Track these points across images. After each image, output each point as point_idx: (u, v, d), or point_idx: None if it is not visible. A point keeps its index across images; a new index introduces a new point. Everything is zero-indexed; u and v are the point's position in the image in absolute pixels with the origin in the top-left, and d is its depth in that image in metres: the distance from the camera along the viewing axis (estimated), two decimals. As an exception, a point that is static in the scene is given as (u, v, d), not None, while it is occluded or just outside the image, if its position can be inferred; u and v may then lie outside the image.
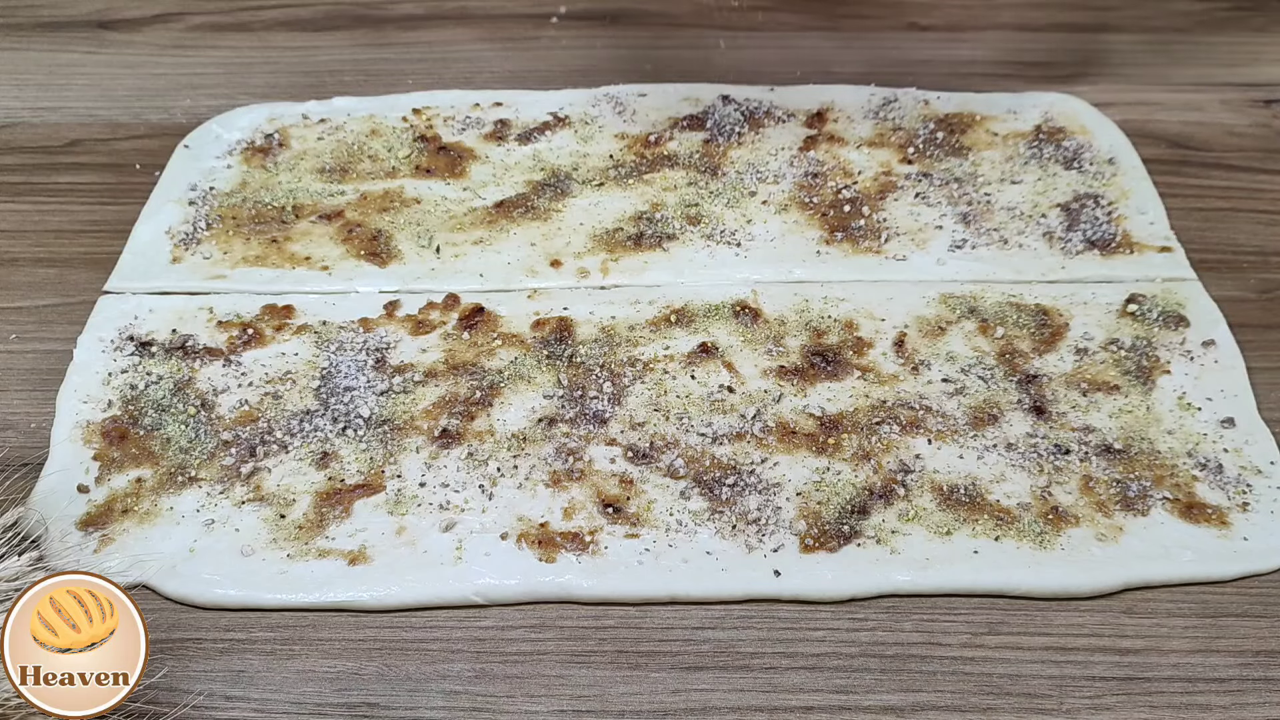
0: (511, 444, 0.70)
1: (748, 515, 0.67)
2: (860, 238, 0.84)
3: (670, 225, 0.85)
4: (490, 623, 0.63)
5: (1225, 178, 0.91)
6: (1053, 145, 0.91)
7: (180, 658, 0.61)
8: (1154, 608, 0.63)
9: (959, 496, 0.68)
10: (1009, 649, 0.62)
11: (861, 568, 0.64)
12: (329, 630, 0.63)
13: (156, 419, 0.72)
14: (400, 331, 0.78)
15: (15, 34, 1.07)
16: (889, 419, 0.72)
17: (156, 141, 0.94)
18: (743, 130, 0.93)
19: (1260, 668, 0.61)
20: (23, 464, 0.68)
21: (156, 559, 0.64)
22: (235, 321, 0.78)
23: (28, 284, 0.82)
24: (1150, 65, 1.02)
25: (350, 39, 1.07)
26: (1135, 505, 0.67)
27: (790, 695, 0.60)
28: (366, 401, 0.73)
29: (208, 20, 1.09)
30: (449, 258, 0.83)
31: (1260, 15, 1.08)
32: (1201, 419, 0.72)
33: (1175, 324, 0.78)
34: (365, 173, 0.90)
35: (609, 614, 0.63)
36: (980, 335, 0.77)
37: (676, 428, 0.71)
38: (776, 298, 0.80)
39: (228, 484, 0.69)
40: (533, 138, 0.93)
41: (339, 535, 0.66)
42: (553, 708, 0.59)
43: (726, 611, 0.63)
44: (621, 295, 0.80)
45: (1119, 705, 0.59)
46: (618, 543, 0.65)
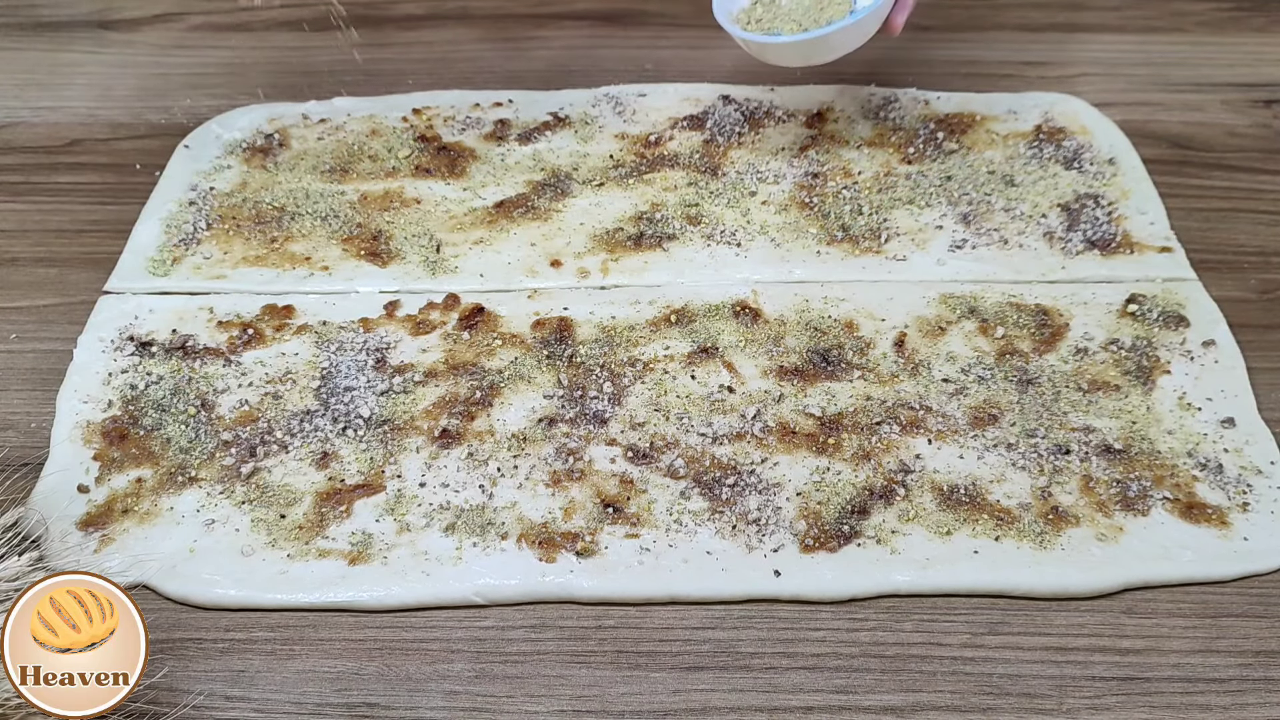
0: (511, 444, 0.70)
1: (748, 515, 0.67)
2: (860, 238, 0.84)
3: (670, 225, 0.85)
4: (490, 623, 0.63)
5: (1225, 178, 0.91)
6: (1053, 145, 0.91)
7: (180, 658, 0.61)
8: (1154, 608, 0.63)
9: (959, 496, 0.68)
10: (1009, 649, 0.62)
11: (861, 568, 0.64)
12: (329, 630, 0.63)
13: (156, 419, 0.72)
14: (400, 331, 0.78)
15: (15, 34, 1.07)
16: (889, 419, 0.72)
17: (156, 141, 0.94)
18: (743, 130, 0.93)
19: (1260, 668, 0.61)
20: (23, 464, 0.68)
21: (156, 559, 0.64)
22: (235, 321, 0.78)
23: (28, 284, 0.82)
24: (1150, 65, 1.02)
25: (350, 39, 1.07)
26: (1135, 505, 0.67)
27: (790, 695, 0.60)
28: (366, 401, 0.73)
29: (208, 20, 1.09)
30: (449, 257, 0.83)
31: (1260, 15, 1.08)
32: (1202, 419, 0.72)
33: (1175, 324, 0.78)
34: (365, 173, 0.90)
35: (609, 614, 0.63)
36: (980, 335, 0.77)
37: (676, 428, 0.71)
38: (776, 298, 0.80)
39: (228, 484, 0.69)
40: (533, 138, 0.93)
41: (339, 535, 0.66)
42: (553, 708, 0.59)
43: (726, 611, 0.63)
44: (621, 295, 0.80)
45: (1119, 705, 0.59)
46: (618, 543, 0.65)
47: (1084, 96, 0.96)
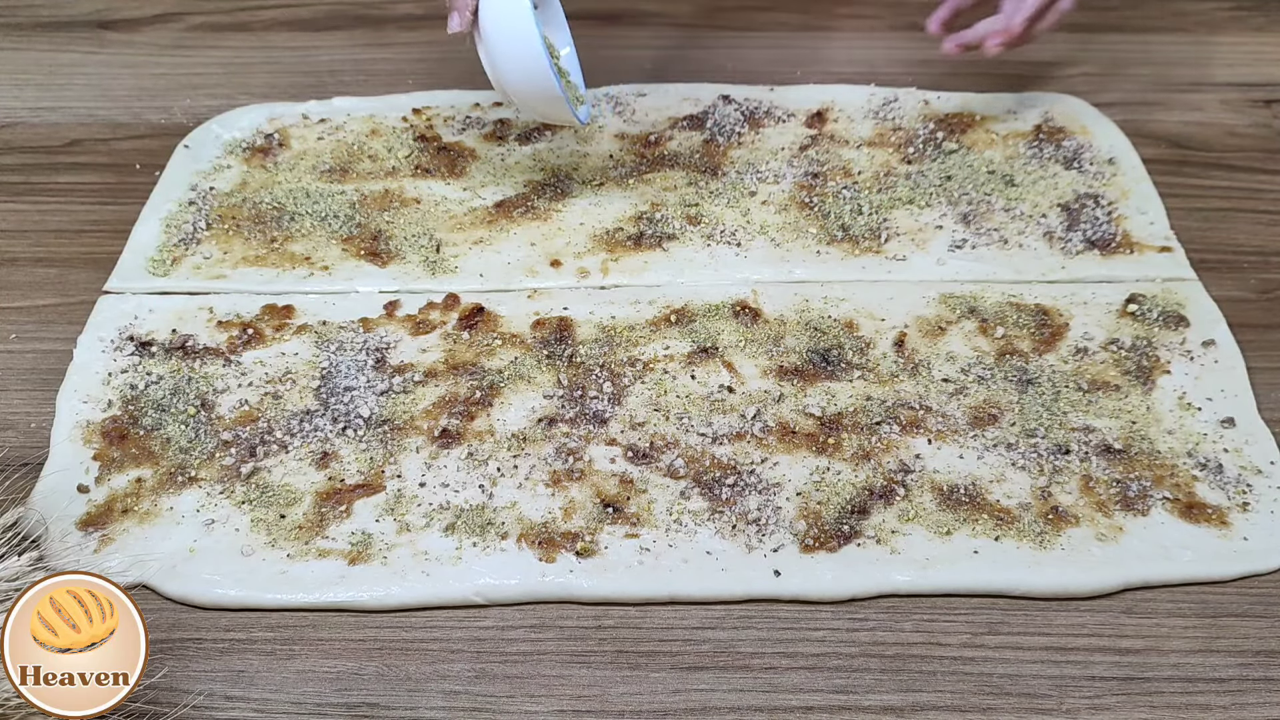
0: (511, 444, 0.70)
1: (748, 515, 0.66)
2: (860, 238, 0.84)
3: (670, 225, 0.85)
4: (490, 623, 0.63)
5: (1225, 178, 0.91)
6: (1053, 145, 0.91)
7: (180, 658, 0.61)
8: (1154, 608, 0.63)
9: (959, 496, 0.68)
10: (1009, 649, 0.62)
11: (861, 568, 0.64)
12: (329, 630, 0.63)
13: (156, 419, 0.72)
14: (400, 331, 0.78)
15: (15, 34, 1.07)
16: (889, 419, 0.72)
17: (156, 141, 0.94)
18: (743, 130, 0.93)
19: (1260, 668, 0.61)
20: (23, 464, 0.68)
21: (156, 559, 0.64)
22: (235, 321, 0.78)
23: (28, 284, 0.82)
24: (1150, 65, 1.02)
25: (350, 39, 1.07)
26: (1135, 505, 0.67)
27: (790, 695, 0.60)
28: (366, 401, 0.73)
29: (208, 20, 1.09)
30: (449, 257, 0.83)
31: (1260, 15, 1.08)
32: (1201, 419, 0.72)
33: (1175, 324, 0.78)
34: (365, 173, 0.90)
35: (609, 614, 0.63)
36: (980, 335, 0.77)
37: (676, 428, 0.71)
38: (776, 298, 0.80)
39: (228, 484, 0.68)
40: (533, 138, 0.93)
41: (339, 535, 0.66)
42: (553, 708, 0.59)
43: (726, 611, 0.63)
44: (621, 295, 0.80)
45: (1119, 705, 0.59)
46: (617, 542, 0.65)
47: (1084, 96, 0.96)
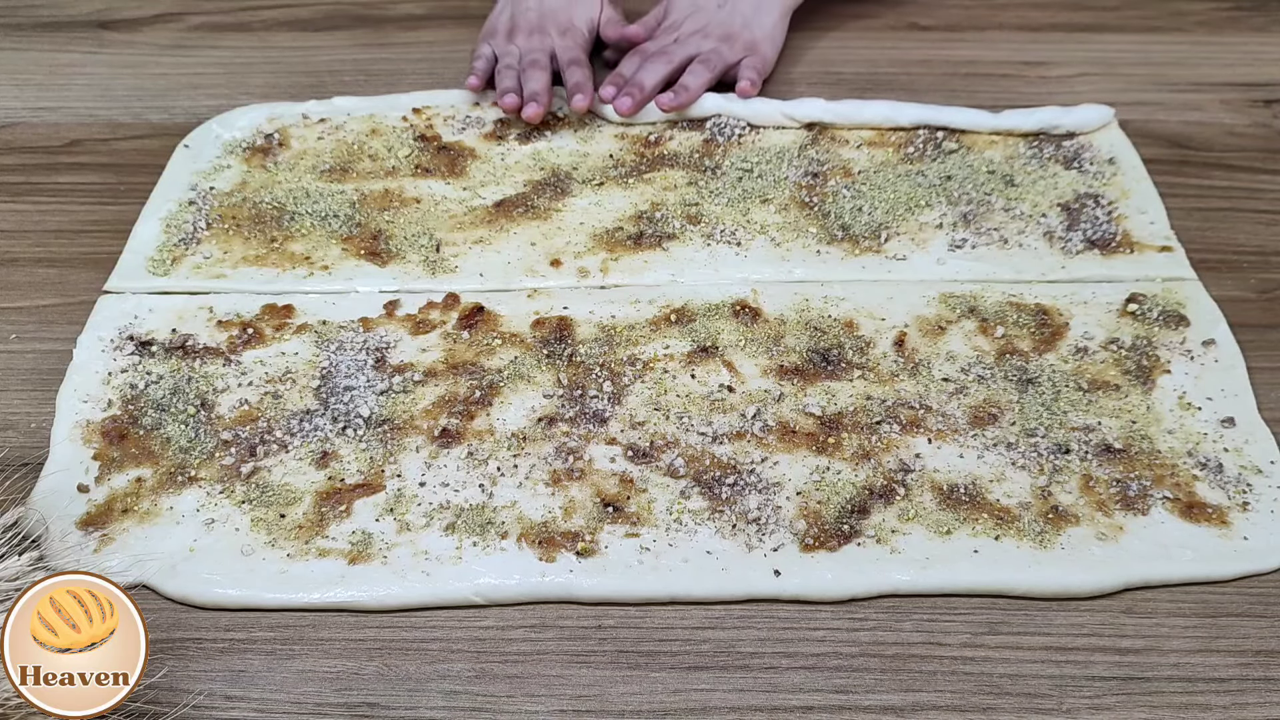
0: (511, 443, 0.70)
1: (748, 515, 0.66)
2: (860, 237, 0.84)
3: (670, 225, 0.85)
4: (490, 623, 0.63)
5: (1225, 178, 0.91)
6: (1052, 145, 0.91)
7: (180, 658, 0.61)
8: (1154, 608, 0.63)
9: (959, 496, 0.67)
10: (1009, 649, 0.62)
11: (861, 567, 0.64)
12: (329, 630, 0.63)
13: (156, 419, 0.72)
14: (400, 331, 0.78)
15: (15, 34, 1.07)
16: (889, 418, 0.72)
17: (156, 141, 0.94)
18: (743, 130, 0.93)
19: (1260, 668, 0.61)
20: (23, 464, 0.68)
21: (156, 559, 0.64)
22: (235, 321, 0.78)
23: (28, 284, 0.82)
24: (1150, 65, 1.02)
25: (350, 39, 1.07)
26: (1135, 505, 0.67)
27: (790, 695, 0.60)
28: (366, 401, 0.73)
29: (208, 20, 1.09)
30: (449, 257, 0.83)
31: (1260, 15, 1.08)
32: (1202, 418, 0.72)
33: (1175, 324, 0.78)
34: (365, 172, 0.90)
35: (609, 614, 0.63)
36: (980, 335, 0.77)
37: (676, 427, 0.71)
38: (776, 297, 0.80)
39: (228, 483, 0.68)
40: (533, 137, 0.93)
41: (339, 535, 0.66)
42: (553, 708, 0.59)
43: (726, 611, 0.63)
44: (621, 295, 0.80)
45: (1119, 705, 0.59)
46: (617, 542, 0.65)
47: (1084, 96, 0.96)
